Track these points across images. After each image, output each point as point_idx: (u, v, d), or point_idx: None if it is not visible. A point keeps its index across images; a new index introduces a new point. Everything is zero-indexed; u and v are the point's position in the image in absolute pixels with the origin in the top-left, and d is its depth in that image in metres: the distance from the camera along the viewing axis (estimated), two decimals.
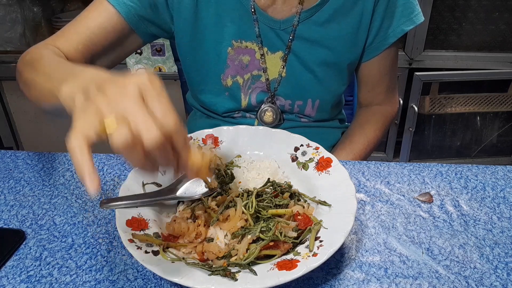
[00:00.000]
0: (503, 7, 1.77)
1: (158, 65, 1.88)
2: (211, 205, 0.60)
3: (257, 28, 0.82)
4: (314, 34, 0.83)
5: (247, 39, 0.84)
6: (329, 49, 0.83)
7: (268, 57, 0.85)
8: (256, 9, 0.81)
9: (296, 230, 0.57)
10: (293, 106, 0.90)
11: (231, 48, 0.84)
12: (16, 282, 0.55)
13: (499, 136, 2.08)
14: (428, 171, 0.76)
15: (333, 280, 0.55)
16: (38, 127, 2.03)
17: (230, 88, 0.88)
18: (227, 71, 0.86)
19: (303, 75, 0.86)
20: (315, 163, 0.68)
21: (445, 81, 1.89)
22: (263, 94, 0.89)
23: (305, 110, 0.91)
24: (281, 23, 0.82)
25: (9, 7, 1.87)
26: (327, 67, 0.85)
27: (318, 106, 0.90)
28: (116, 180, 0.75)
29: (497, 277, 0.56)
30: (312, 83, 0.87)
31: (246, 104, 0.90)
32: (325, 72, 0.86)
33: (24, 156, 0.82)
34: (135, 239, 0.54)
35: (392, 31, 0.84)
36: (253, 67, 0.86)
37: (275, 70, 0.86)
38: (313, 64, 0.85)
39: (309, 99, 0.89)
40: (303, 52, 0.84)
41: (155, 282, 0.55)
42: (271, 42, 0.84)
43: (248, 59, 0.85)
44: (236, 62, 0.86)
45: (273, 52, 0.85)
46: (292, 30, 0.82)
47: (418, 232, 0.63)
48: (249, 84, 0.88)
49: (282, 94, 0.89)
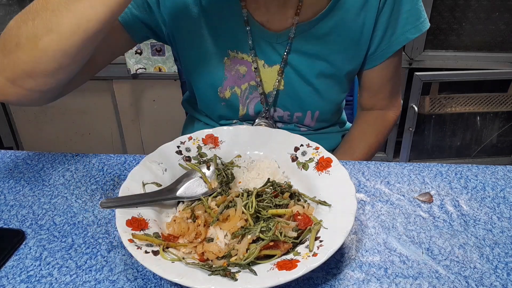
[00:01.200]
0: (503, 7, 1.77)
1: (158, 65, 1.89)
2: (211, 205, 0.60)
3: (250, 40, 0.80)
4: (312, 48, 0.80)
5: (242, 50, 0.82)
6: (328, 62, 0.81)
7: (264, 70, 0.84)
8: (250, 21, 0.79)
9: (296, 230, 0.57)
10: (292, 117, 0.89)
11: (227, 58, 0.83)
12: (16, 282, 0.55)
13: (499, 136, 2.08)
14: (428, 171, 0.76)
15: (333, 280, 0.55)
16: (38, 127, 2.03)
17: (228, 99, 0.87)
18: (225, 83, 0.85)
19: (302, 88, 0.84)
20: (315, 163, 0.68)
21: (445, 81, 1.89)
22: (260, 105, 0.88)
23: (305, 121, 0.90)
24: (278, 36, 0.80)
25: (9, 7, 1.87)
26: (325, 78, 0.83)
27: (317, 117, 0.89)
28: (116, 180, 0.75)
29: (497, 277, 0.56)
30: (311, 96, 0.85)
31: (244, 114, 0.89)
32: (324, 84, 0.84)
33: (24, 156, 0.82)
34: (135, 239, 0.54)
35: (396, 39, 0.81)
36: (249, 78, 0.85)
37: (271, 83, 0.84)
38: (311, 77, 0.83)
39: (308, 111, 0.87)
40: (301, 66, 0.82)
41: (155, 282, 0.55)
42: (267, 55, 0.82)
43: (245, 69, 0.84)
44: (233, 72, 0.84)
45: (270, 66, 0.83)
46: (288, 43, 0.80)
47: (418, 232, 0.63)
48: (247, 94, 0.86)
49: (280, 106, 0.87)
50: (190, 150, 0.72)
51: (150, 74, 1.89)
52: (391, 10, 0.78)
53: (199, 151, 0.73)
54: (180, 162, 0.70)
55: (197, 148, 0.73)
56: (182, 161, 0.70)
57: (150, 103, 1.98)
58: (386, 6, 0.78)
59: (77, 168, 0.78)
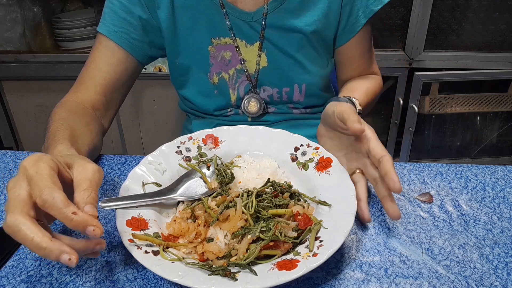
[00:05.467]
0: (503, 7, 1.76)
1: (158, 65, 1.88)
2: (211, 205, 0.60)
3: (228, 21, 0.85)
4: (286, 22, 0.85)
5: (223, 35, 0.86)
6: (303, 33, 0.86)
7: (246, 50, 0.88)
8: (224, 3, 0.84)
9: (296, 230, 0.57)
10: (281, 94, 0.92)
11: (212, 46, 0.87)
12: (16, 282, 0.55)
13: (499, 136, 2.08)
14: (428, 171, 0.76)
15: (333, 280, 0.55)
16: (38, 127, 2.03)
17: (217, 85, 0.91)
18: (212, 69, 0.89)
19: (284, 61, 0.88)
20: (315, 163, 0.68)
21: (445, 81, 1.89)
22: (249, 86, 0.91)
23: (294, 96, 0.93)
24: (253, 15, 0.85)
25: (9, 7, 1.87)
26: (303, 50, 0.88)
27: (305, 91, 0.92)
28: (116, 180, 0.75)
29: (497, 277, 0.56)
30: (294, 68, 0.89)
31: (236, 99, 0.93)
32: (303, 56, 0.88)
33: (24, 156, 0.82)
34: (135, 239, 0.54)
35: (363, 13, 0.87)
36: (235, 62, 0.89)
37: (254, 61, 0.89)
38: (291, 50, 0.87)
39: (295, 84, 0.91)
40: (279, 40, 0.86)
41: (155, 282, 0.55)
42: (246, 34, 0.87)
43: (230, 54, 0.88)
44: (219, 59, 0.88)
45: (251, 44, 0.88)
46: (263, 18, 0.85)
47: (418, 232, 0.63)
48: (235, 78, 0.91)
49: (267, 83, 0.91)
50: (190, 150, 0.72)
51: (150, 74, 1.89)
52: None
53: (199, 151, 0.73)
54: (180, 162, 0.70)
55: (197, 148, 0.73)
56: (182, 161, 0.70)
57: (150, 103, 1.98)
58: None
59: None
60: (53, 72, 1.85)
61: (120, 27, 0.82)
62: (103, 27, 0.83)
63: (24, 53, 1.87)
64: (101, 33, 0.82)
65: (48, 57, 1.85)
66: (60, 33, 1.91)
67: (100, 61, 0.83)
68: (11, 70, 1.86)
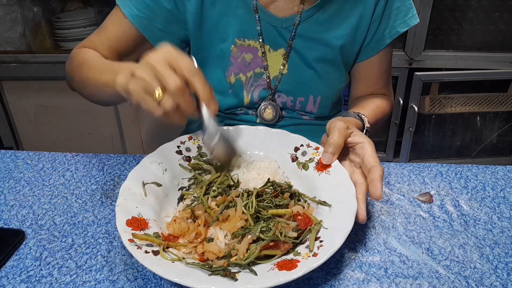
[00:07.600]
0: (503, 7, 1.76)
1: None
2: (211, 205, 0.60)
3: (259, 26, 0.84)
4: (314, 33, 0.84)
5: (250, 37, 0.85)
6: (329, 47, 0.85)
7: (270, 55, 0.87)
8: (258, 7, 0.83)
9: (296, 230, 0.57)
10: (295, 103, 0.92)
11: (234, 46, 0.86)
12: (16, 282, 0.55)
13: (499, 136, 2.08)
14: (428, 171, 0.76)
15: (333, 280, 0.55)
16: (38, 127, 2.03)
17: (233, 85, 0.90)
18: (230, 68, 0.88)
19: (304, 71, 0.88)
20: (315, 163, 0.68)
21: (445, 81, 1.89)
22: (265, 91, 0.91)
23: (307, 107, 0.92)
24: (283, 21, 0.84)
25: (9, 7, 1.87)
26: (326, 63, 0.87)
27: (319, 102, 0.92)
28: (116, 180, 0.75)
29: (497, 277, 0.56)
30: (313, 79, 0.88)
31: (249, 101, 0.92)
32: (325, 69, 0.88)
33: (24, 156, 0.82)
34: (135, 239, 0.54)
35: (388, 32, 0.87)
36: (255, 65, 0.88)
37: (276, 68, 0.88)
38: (313, 61, 0.87)
39: (310, 95, 0.90)
40: (304, 50, 0.86)
41: (155, 282, 0.55)
42: (273, 39, 0.86)
43: (251, 57, 0.87)
44: (239, 60, 0.87)
45: (275, 50, 0.87)
46: (294, 28, 0.84)
47: (418, 232, 0.63)
48: (252, 81, 0.90)
49: (284, 91, 0.90)
50: (190, 150, 0.72)
51: None
52: (385, 4, 0.85)
53: (199, 151, 0.73)
54: (180, 162, 0.70)
55: (197, 148, 0.73)
56: (182, 161, 0.70)
57: None
58: (381, 0, 0.84)
59: (77, 168, 0.78)
60: (53, 72, 1.85)
61: (143, 12, 0.81)
62: (125, 7, 0.81)
63: (24, 53, 1.87)
64: (122, 11, 0.81)
65: (48, 57, 1.85)
66: (60, 33, 1.91)
67: (111, 31, 0.85)
68: (11, 70, 1.86)
